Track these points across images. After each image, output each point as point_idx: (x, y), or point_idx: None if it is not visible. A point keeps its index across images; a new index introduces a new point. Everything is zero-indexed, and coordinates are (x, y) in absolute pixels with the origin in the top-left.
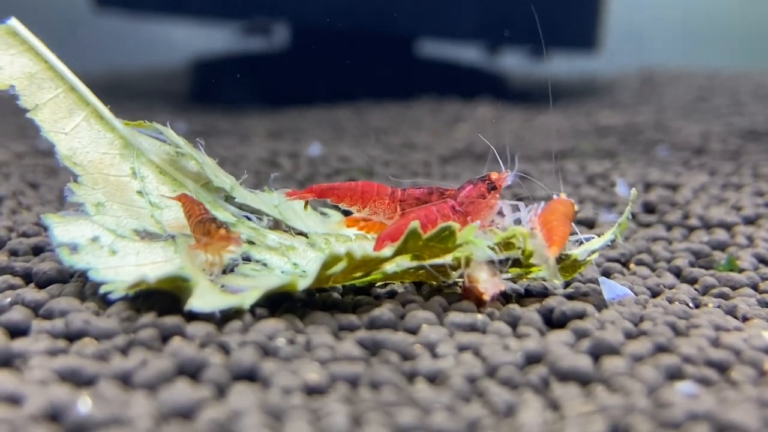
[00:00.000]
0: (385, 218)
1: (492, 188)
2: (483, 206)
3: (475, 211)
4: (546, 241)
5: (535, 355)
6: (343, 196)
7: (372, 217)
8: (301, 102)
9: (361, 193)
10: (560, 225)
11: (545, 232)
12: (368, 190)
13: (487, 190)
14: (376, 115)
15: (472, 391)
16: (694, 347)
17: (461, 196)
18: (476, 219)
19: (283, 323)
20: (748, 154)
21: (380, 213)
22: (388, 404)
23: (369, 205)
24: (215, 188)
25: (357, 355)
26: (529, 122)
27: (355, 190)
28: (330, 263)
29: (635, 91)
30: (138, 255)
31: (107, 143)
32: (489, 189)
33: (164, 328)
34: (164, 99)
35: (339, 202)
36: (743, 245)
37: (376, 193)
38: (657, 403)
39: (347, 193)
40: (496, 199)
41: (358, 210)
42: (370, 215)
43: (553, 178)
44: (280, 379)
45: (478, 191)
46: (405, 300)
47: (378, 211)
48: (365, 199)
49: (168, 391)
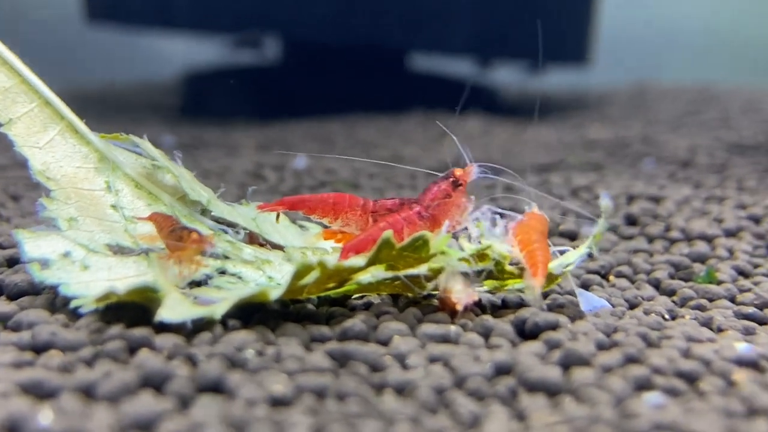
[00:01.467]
0: (358, 230)
1: (457, 185)
2: (450, 206)
3: (442, 213)
4: (529, 268)
5: (504, 366)
6: (314, 209)
7: (344, 228)
8: (291, 115)
9: (332, 204)
10: (540, 248)
11: (526, 257)
12: (340, 201)
13: (452, 188)
14: (365, 128)
15: (439, 402)
16: (665, 358)
17: (427, 200)
18: (444, 221)
19: (253, 335)
20: (733, 168)
21: (352, 225)
22: (353, 416)
23: (341, 216)
24: (192, 201)
25: (325, 366)
26: (518, 136)
27: (327, 201)
28: (302, 273)
29: (626, 105)
30: (110, 270)
31: (82, 157)
32: (454, 187)
33: (132, 339)
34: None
35: (310, 214)
36: (723, 257)
37: (347, 205)
38: (623, 413)
39: (318, 205)
40: (463, 195)
41: (330, 222)
42: (342, 227)
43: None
44: (245, 390)
45: (443, 191)
46: (380, 311)
47: (350, 223)
48: (337, 211)
49: (130, 403)
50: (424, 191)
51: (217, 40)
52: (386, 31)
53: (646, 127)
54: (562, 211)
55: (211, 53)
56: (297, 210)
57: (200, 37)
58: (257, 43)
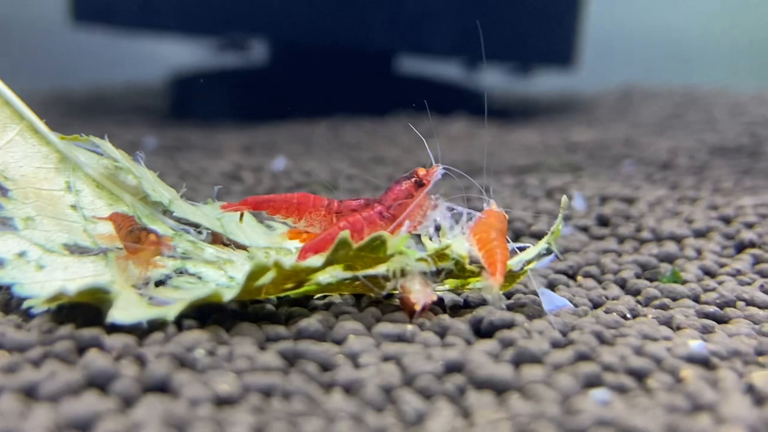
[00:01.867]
0: (322, 230)
1: (420, 185)
2: (412, 206)
3: (403, 214)
4: (488, 267)
5: (455, 365)
6: (278, 208)
7: (308, 228)
8: (277, 117)
9: (296, 204)
10: (499, 246)
11: (485, 256)
12: (304, 201)
13: (414, 188)
14: (350, 130)
15: (385, 400)
16: (617, 356)
17: (389, 199)
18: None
19: (207, 334)
20: (712, 170)
21: (316, 225)
22: (296, 414)
23: (305, 216)
24: (154, 202)
25: (275, 365)
26: (502, 138)
27: (291, 201)
28: (257, 273)
29: (612, 107)
30: (66, 270)
31: (42, 157)
32: (416, 186)
33: (81, 339)
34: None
35: (275, 214)
36: (691, 257)
37: (312, 205)
38: (567, 410)
39: (283, 205)
40: (425, 196)
41: (294, 222)
42: (306, 227)
43: (512, 192)
44: (189, 390)
45: (405, 191)
46: (339, 311)
47: (314, 223)
48: (301, 211)
49: (70, 403)
50: (387, 191)
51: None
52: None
53: (631, 130)
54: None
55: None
56: (261, 210)
57: (186, 39)
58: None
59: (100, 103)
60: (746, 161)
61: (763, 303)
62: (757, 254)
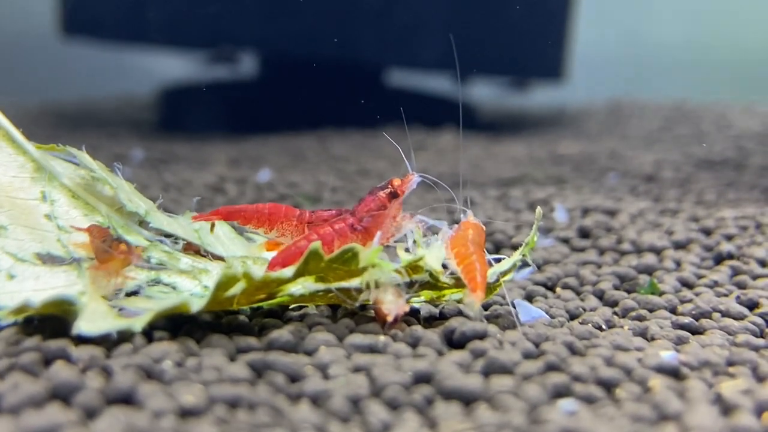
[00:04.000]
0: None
1: (394, 196)
2: (385, 219)
3: (376, 226)
4: (468, 283)
5: (424, 375)
6: (250, 218)
7: (280, 239)
8: (265, 130)
9: (268, 215)
10: (478, 260)
11: (464, 271)
12: (275, 212)
13: (388, 199)
14: (338, 143)
15: (352, 411)
16: (587, 366)
17: (360, 211)
18: (376, 233)
19: (176, 346)
20: (696, 182)
21: (288, 235)
22: (259, 425)
23: (276, 227)
24: (129, 213)
25: (243, 376)
26: (489, 150)
27: (262, 212)
28: (225, 284)
29: (602, 121)
30: (38, 279)
31: (18, 167)
32: (390, 197)
33: (48, 351)
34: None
35: (246, 224)
36: (670, 269)
37: (283, 215)
38: (533, 420)
39: (254, 215)
40: (399, 207)
41: (266, 232)
42: (277, 237)
43: (495, 204)
44: (153, 402)
45: (377, 203)
46: (313, 322)
47: (285, 233)
48: (272, 221)
49: (31, 415)
50: (360, 201)
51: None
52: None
53: (618, 143)
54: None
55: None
56: (232, 220)
57: (175, 52)
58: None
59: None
60: (731, 174)
61: (739, 314)
62: (736, 266)
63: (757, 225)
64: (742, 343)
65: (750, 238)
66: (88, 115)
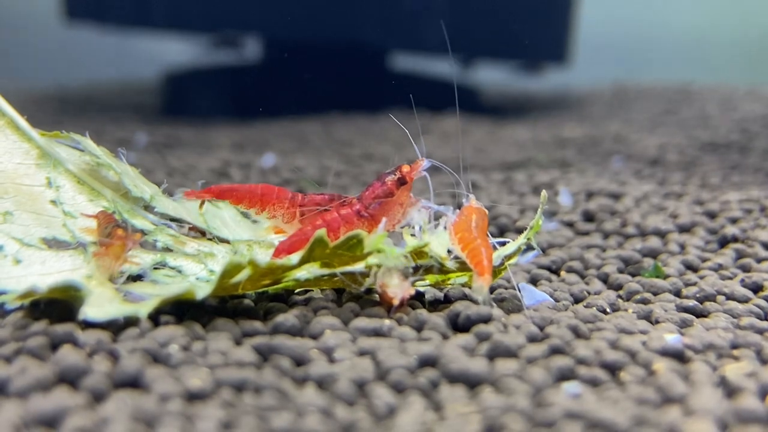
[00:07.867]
0: (284, 222)
1: (402, 183)
2: (392, 205)
3: (382, 213)
4: (474, 268)
5: (429, 359)
6: (241, 198)
7: (270, 220)
8: (270, 114)
9: (260, 195)
10: (483, 244)
11: (469, 255)
12: (267, 193)
13: (396, 186)
14: (342, 127)
15: (357, 395)
16: (591, 349)
17: (367, 198)
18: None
19: (182, 330)
20: (701, 165)
21: (279, 217)
22: (265, 408)
23: (268, 208)
24: (135, 198)
25: (249, 360)
26: (494, 134)
27: (254, 192)
28: (231, 272)
29: (607, 104)
30: (44, 264)
31: (23, 153)
32: (398, 185)
33: (55, 335)
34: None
35: (238, 203)
36: (674, 252)
37: (275, 197)
38: (538, 403)
39: (246, 195)
40: (407, 194)
41: (257, 213)
42: (268, 218)
43: (500, 187)
44: (160, 385)
45: (385, 190)
46: (318, 306)
47: (277, 215)
48: (264, 202)
49: (38, 399)
50: (367, 187)
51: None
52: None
53: (622, 126)
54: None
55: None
56: (224, 199)
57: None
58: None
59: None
60: (736, 157)
61: (743, 297)
62: (740, 249)
63: (761, 208)
64: (746, 326)
65: (754, 221)
66: (91, 99)
